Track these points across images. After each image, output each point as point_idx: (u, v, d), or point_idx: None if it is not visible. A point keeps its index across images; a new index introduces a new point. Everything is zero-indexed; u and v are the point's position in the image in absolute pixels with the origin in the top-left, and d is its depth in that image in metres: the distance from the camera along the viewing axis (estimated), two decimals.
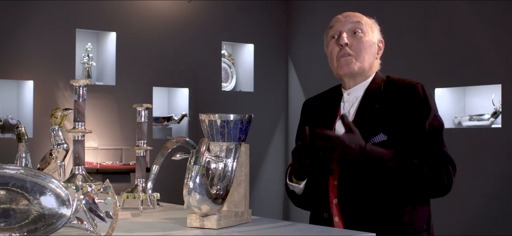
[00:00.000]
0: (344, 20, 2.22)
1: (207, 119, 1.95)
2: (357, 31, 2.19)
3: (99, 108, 5.63)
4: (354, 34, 2.19)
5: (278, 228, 1.92)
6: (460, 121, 5.03)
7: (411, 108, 2.08)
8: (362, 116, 2.12)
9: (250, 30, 6.47)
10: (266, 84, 6.56)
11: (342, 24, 2.21)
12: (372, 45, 2.21)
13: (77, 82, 2.14)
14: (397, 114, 2.08)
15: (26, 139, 2.40)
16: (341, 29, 2.20)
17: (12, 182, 1.48)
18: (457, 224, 4.93)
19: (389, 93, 2.14)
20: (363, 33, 2.19)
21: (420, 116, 2.07)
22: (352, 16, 2.23)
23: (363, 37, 2.19)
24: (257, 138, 6.12)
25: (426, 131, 2.06)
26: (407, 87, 2.12)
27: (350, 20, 2.21)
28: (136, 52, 5.80)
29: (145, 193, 2.31)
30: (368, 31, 2.21)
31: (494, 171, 4.74)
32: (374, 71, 2.23)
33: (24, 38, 5.31)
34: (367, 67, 2.19)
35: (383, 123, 2.08)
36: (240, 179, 2.00)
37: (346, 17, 2.22)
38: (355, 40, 2.18)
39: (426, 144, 2.05)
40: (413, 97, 2.09)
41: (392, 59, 5.46)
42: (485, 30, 4.87)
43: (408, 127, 2.06)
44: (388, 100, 2.12)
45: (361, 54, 2.17)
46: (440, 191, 2.07)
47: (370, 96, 2.15)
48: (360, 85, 2.20)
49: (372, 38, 2.21)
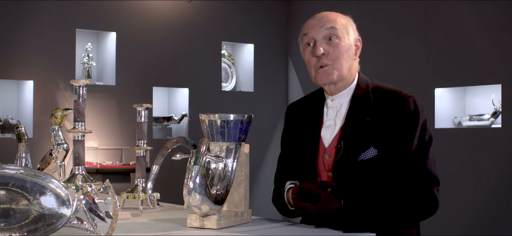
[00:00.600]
0: (318, 26, 2.14)
1: (207, 119, 1.95)
2: (332, 37, 2.11)
3: (99, 108, 5.63)
4: (330, 41, 2.11)
5: (278, 228, 1.92)
6: (460, 121, 5.03)
7: (401, 122, 2.04)
8: (351, 128, 2.07)
9: (250, 30, 6.47)
10: (266, 84, 6.56)
11: (316, 31, 2.13)
12: (349, 48, 2.13)
13: (77, 82, 2.14)
14: (387, 127, 2.04)
15: (26, 139, 2.40)
16: (316, 37, 2.13)
17: (12, 182, 1.48)
18: (457, 224, 4.93)
19: (379, 104, 2.09)
20: (338, 39, 2.11)
21: (409, 131, 2.03)
22: (326, 20, 2.14)
23: (339, 43, 2.11)
24: (257, 138, 6.12)
25: (413, 148, 2.03)
26: (399, 100, 2.07)
27: (324, 25, 2.13)
28: (136, 52, 5.80)
29: (145, 193, 2.31)
30: (344, 35, 2.13)
31: (494, 171, 4.74)
32: (355, 73, 2.18)
33: (24, 38, 5.31)
34: (346, 73, 2.13)
35: (373, 136, 2.04)
36: (240, 179, 2.00)
37: (319, 22, 2.15)
38: (331, 48, 2.11)
39: (411, 161, 2.02)
40: (404, 111, 2.05)
41: (392, 59, 5.46)
42: (485, 30, 4.87)
43: (397, 141, 2.03)
44: (379, 111, 2.07)
45: (339, 61, 2.10)
46: (426, 216, 2.06)
47: (358, 106, 2.11)
48: (344, 92, 2.15)
49: (349, 41, 2.14)
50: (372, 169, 2.03)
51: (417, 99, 2.09)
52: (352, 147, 2.04)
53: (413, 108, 2.06)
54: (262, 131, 6.32)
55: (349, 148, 2.04)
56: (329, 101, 2.17)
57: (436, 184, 2.05)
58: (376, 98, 2.10)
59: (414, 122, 2.05)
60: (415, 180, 2.02)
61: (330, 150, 2.09)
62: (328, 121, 2.15)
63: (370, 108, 2.09)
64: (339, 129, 2.10)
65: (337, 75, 2.11)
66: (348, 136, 2.06)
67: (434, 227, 5.02)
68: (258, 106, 6.35)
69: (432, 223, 4.99)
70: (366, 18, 5.69)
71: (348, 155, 2.04)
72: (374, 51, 5.53)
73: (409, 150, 2.02)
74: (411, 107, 2.06)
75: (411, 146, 2.02)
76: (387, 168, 2.02)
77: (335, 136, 2.10)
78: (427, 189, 2.02)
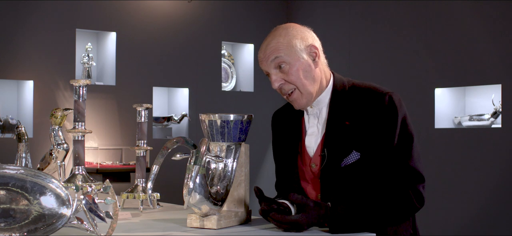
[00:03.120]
0: (264, 59, 2.05)
1: (207, 119, 1.95)
2: (282, 64, 2.02)
3: (99, 108, 5.63)
4: (281, 68, 2.02)
5: (278, 228, 1.92)
6: (460, 121, 5.03)
7: (379, 120, 1.99)
8: (332, 134, 2.04)
9: (250, 30, 6.47)
10: (266, 84, 6.52)
11: (265, 65, 2.05)
12: (305, 65, 2.02)
13: (77, 82, 2.14)
14: (366, 128, 2.00)
15: (26, 139, 2.40)
16: (268, 70, 2.05)
17: (12, 182, 1.48)
18: (457, 224, 4.93)
19: (357, 104, 2.03)
20: (288, 64, 2.01)
21: (388, 128, 1.98)
22: (269, 51, 2.03)
23: (291, 69, 2.01)
24: (257, 138, 6.12)
25: (394, 145, 1.98)
26: (375, 97, 2.01)
27: (269, 58, 2.03)
28: (136, 52, 5.80)
29: (145, 193, 2.31)
30: (292, 58, 2.01)
31: (494, 171, 4.74)
32: (327, 76, 2.11)
33: (24, 38, 5.31)
34: (314, 88, 2.05)
35: (354, 140, 2.00)
36: (240, 179, 2.00)
37: (264, 54, 2.05)
38: (285, 75, 2.02)
39: (393, 160, 1.98)
40: (381, 108, 1.99)
41: (392, 59, 5.46)
42: (485, 30, 4.87)
43: (377, 141, 1.99)
44: (357, 113, 2.02)
45: (300, 83, 2.02)
46: (412, 213, 2.03)
47: (336, 110, 2.06)
48: (321, 97, 2.09)
49: (300, 59, 2.02)
50: (357, 172, 2.00)
51: (394, 94, 2.02)
52: (334, 153, 2.01)
53: (388, 104, 1.99)
54: (262, 131, 6.31)
55: (332, 154, 2.02)
56: (309, 109, 2.11)
57: (421, 181, 2.00)
58: (354, 98, 2.05)
59: (393, 119, 1.99)
60: (400, 178, 1.98)
61: (316, 158, 2.07)
62: (311, 128, 2.11)
63: (348, 111, 2.04)
64: (322, 136, 2.07)
65: (307, 95, 2.05)
66: (330, 142, 2.03)
67: (434, 227, 5.02)
68: (258, 106, 6.35)
69: (432, 223, 5.00)
70: (366, 18, 5.69)
71: (332, 162, 2.02)
72: (374, 51, 5.53)
73: (390, 147, 1.98)
74: (386, 103, 1.99)
75: (392, 143, 1.98)
76: (372, 169, 2.00)
77: (319, 144, 2.07)
78: (412, 186, 1.98)
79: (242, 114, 1.96)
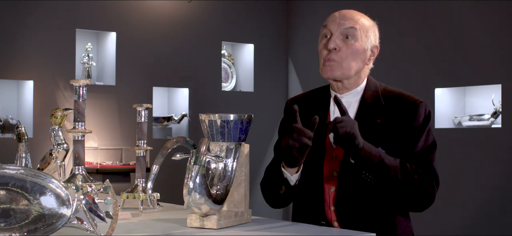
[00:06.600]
0: (338, 21, 2.12)
1: (207, 119, 1.95)
2: (349, 36, 2.10)
3: (99, 108, 5.63)
4: (346, 39, 2.10)
5: (278, 228, 1.92)
6: (460, 121, 5.03)
7: (412, 127, 2.07)
8: (361, 129, 2.05)
9: (250, 30, 6.47)
10: (266, 84, 6.56)
11: (335, 26, 2.11)
12: (363, 51, 2.13)
13: (77, 82, 2.14)
14: (397, 130, 2.07)
15: (26, 139, 2.40)
16: (333, 31, 2.11)
17: (12, 182, 1.48)
18: (456, 224, 4.93)
19: (390, 107, 2.11)
20: (354, 40, 2.10)
21: (417, 135, 2.07)
22: (348, 18, 2.13)
23: (354, 44, 2.10)
24: (257, 138, 6.12)
25: (420, 148, 2.07)
26: (410, 103, 2.11)
27: (344, 23, 2.11)
28: (136, 52, 5.80)
29: (145, 193, 2.31)
30: (361, 37, 2.12)
31: (494, 171, 4.74)
32: (364, 77, 2.18)
33: (24, 38, 5.31)
34: (352, 74, 2.12)
35: (383, 138, 2.06)
36: (240, 179, 2.00)
37: (341, 18, 2.13)
38: (345, 45, 2.10)
39: (417, 159, 2.06)
40: (417, 117, 2.08)
41: (392, 59, 5.46)
42: (485, 30, 4.87)
43: (404, 142, 2.06)
44: (390, 115, 2.10)
45: (348, 61, 2.09)
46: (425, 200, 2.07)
47: (368, 107, 2.12)
48: (353, 92, 2.15)
49: (365, 45, 2.13)
50: None
51: (428, 105, 2.13)
52: None
53: (426, 114, 2.09)
54: (262, 131, 6.32)
55: None
56: (339, 95, 2.15)
57: (437, 183, 2.09)
58: (387, 101, 2.12)
59: (423, 127, 2.09)
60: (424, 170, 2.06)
61: (338, 150, 2.09)
62: None
63: (381, 110, 2.11)
64: None
65: (341, 74, 2.10)
66: None
67: (434, 227, 5.02)
68: (258, 106, 6.35)
69: (432, 223, 5.00)
70: None
71: None
72: None
73: (415, 149, 2.06)
74: (424, 113, 2.09)
75: (419, 147, 2.07)
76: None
77: None
78: (434, 179, 2.07)
79: (242, 114, 1.96)
